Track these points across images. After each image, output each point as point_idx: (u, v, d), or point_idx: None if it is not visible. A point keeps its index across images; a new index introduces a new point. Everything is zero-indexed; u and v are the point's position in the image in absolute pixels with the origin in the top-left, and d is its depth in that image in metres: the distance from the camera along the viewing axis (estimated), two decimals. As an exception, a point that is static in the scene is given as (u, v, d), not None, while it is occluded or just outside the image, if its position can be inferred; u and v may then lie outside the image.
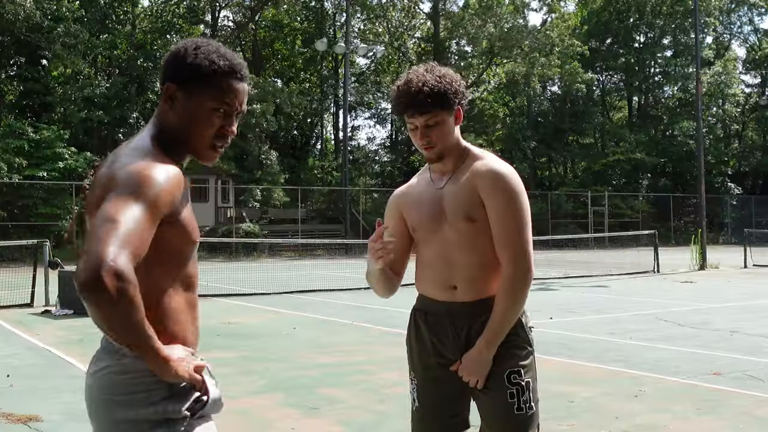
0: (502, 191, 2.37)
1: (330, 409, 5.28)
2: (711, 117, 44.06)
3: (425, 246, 2.50)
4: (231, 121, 1.81)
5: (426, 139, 2.40)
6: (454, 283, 2.42)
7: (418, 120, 2.39)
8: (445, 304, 2.44)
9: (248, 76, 1.87)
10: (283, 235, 30.10)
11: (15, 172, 25.68)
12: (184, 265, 1.78)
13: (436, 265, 2.45)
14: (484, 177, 2.39)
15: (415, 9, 43.09)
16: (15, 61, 32.73)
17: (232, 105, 1.80)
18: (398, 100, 2.42)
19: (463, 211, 2.40)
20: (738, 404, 5.38)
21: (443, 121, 2.40)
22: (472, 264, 2.40)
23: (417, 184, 2.60)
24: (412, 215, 2.54)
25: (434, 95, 2.36)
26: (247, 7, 36.98)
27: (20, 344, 8.06)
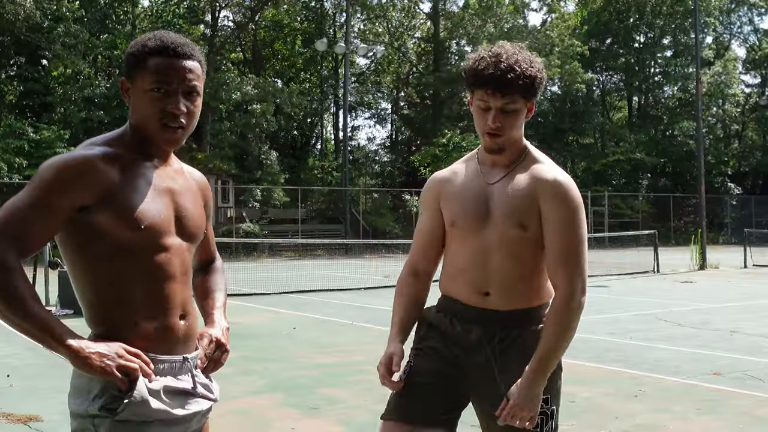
0: (566, 203, 2.17)
1: (330, 409, 5.28)
2: (711, 117, 44.04)
3: (461, 245, 2.26)
4: (175, 99, 1.77)
5: (497, 124, 2.16)
6: (488, 289, 2.21)
7: (497, 100, 2.14)
8: (476, 310, 2.23)
9: (190, 54, 1.82)
10: (283, 235, 30.09)
11: (15, 172, 25.66)
12: (139, 254, 1.74)
13: (470, 268, 2.23)
14: (548, 185, 2.18)
15: (415, 9, 43.08)
16: (15, 61, 32.72)
17: (168, 83, 1.77)
18: (480, 72, 2.15)
19: (517, 216, 2.17)
20: (738, 404, 5.38)
21: (519, 110, 2.18)
22: (512, 272, 2.20)
23: (462, 172, 2.32)
24: (453, 208, 2.27)
25: (524, 79, 2.14)
26: (247, 7, 36.95)
27: (20, 344, 8.06)
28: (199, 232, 1.92)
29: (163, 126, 1.78)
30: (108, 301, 1.75)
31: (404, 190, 35.04)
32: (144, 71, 1.78)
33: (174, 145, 1.84)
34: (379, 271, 18.77)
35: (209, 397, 1.89)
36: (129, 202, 1.72)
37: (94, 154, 1.73)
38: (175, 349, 1.80)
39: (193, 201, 1.92)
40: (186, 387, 1.81)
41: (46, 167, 1.71)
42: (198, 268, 2.10)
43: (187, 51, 1.81)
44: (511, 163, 2.25)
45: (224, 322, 2.01)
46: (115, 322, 1.74)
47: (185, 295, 1.85)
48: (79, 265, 1.76)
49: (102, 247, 1.72)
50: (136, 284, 1.75)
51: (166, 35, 1.82)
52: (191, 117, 1.82)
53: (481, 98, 2.17)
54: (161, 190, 1.81)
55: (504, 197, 2.20)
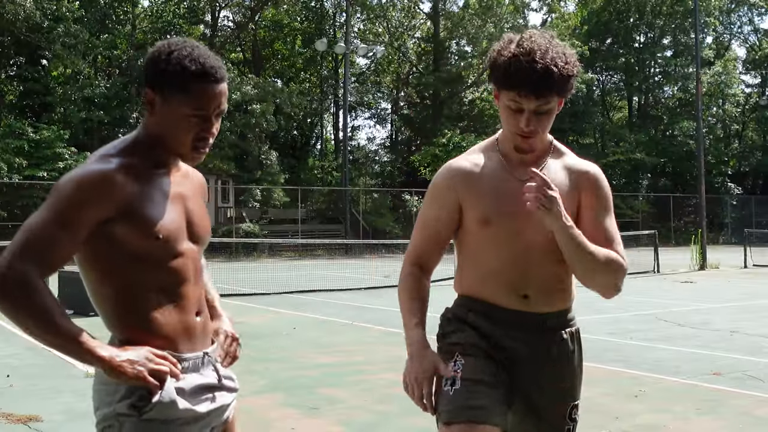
0: (607, 191, 2.16)
1: (330, 409, 5.28)
2: (711, 117, 44.06)
3: (494, 245, 2.08)
4: (209, 124, 1.81)
5: (531, 128, 2.02)
6: (527, 291, 2.08)
7: (531, 103, 1.98)
8: (517, 314, 2.09)
9: (224, 76, 1.83)
10: (283, 235, 30.09)
11: (15, 172, 25.68)
12: (155, 261, 1.78)
13: (506, 270, 2.08)
14: (590, 176, 2.15)
15: (415, 9, 43.10)
16: (15, 61, 32.73)
17: (206, 109, 1.79)
18: (513, 73, 1.96)
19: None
20: (738, 404, 5.38)
21: (553, 110, 2.04)
22: (555, 274, 2.10)
23: (488, 167, 2.13)
24: (487, 205, 2.08)
25: (561, 80, 1.97)
26: (247, 7, 36.97)
27: (20, 344, 8.06)
28: (207, 233, 1.96)
29: (195, 148, 1.83)
30: (127, 306, 1.78)
31: (404, 190, 35.05)
32: (185, 95, 1.77)
33: (198, 162, 1.89)
34: (379, 271, 18.77)
35: (233, 388, 1.96)
36: (146, 213, 1.76)
37: (111, 168, 1.74)
38: (196, 346, 1.85)
39: (200, 203, 1.96)
40: (212, 382, 1.87)
41: (65, 183, 1.73)
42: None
43: (222, 74, 1.81)
44: (540, 159, 2.13)
45: (226, 314, 2.08)
46: (137, 326, 1.77)
47: (199, 293, 1.91)
48: (96, 274, 1.79)
49: (119, 256, 1.76)
50: (154, 289, 1.78)
51: (203, 55, 1.79)
52: (215, 135, 1.87)
53: (513, 99, 2.00)
54: (174, 198, 1.85)
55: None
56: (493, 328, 2.10)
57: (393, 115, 46.27)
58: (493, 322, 2.10)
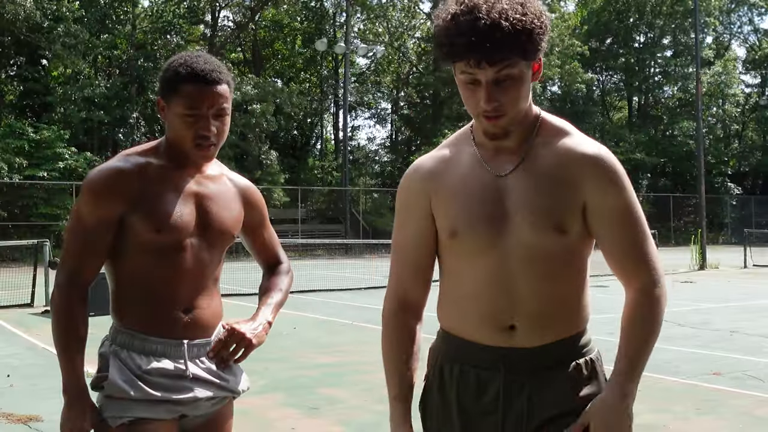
0: (622, 183, 1.64)
1: (330, 409, 5.28)
2: (711, 117, 44.05)
3: (468, 263, 1.66)
4: (205, 122, 1.94)
5: (494, 103, 1.56)
6: (513, 321, 1.63)
7: (485, 72, 1.54)
8: (498, 351, 1.64)
9: (219, 79, 1.96)
10: (283, 235, 30.08)
11: (15, 172, 25.66)
12: (157, 252, 1.95)
13: (484, 294, 1.64)
14: (593, 168, 1.62)
15: (415, 9, 43.09)
16: (15, 61, 32.70)
17: (199, 108, 1.93)
18: (454, 38, 1.53)
19: (552, 216, 1.61)
20: (738, 404, 5.38)
21: (521, 76, 1.57)
22: (547, 296, 1.64)
23: (454, 160, 1.72)
24: (453, 212, 1.67)
25: (516, 36, 1.51)
26: (247, 7, 36.95)
27: (20, 344, 8.06)
28: (225, 231, 2.06)
29: (197, 146, 1.96)
30: (121, 290, 2.00)
31: (404, 190, 34.97)
32: (177, 97, 1.95)
33: (208, 160, 2.04)
34: (379, 271, 18.77)
35: (222, 386, 2.01)
36: (153, 207, 1.94)
37: (122, 165, 1.96)
38: (175, 335, 1.97)
39: (225, 205, 2.07)
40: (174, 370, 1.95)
41: (83, 184, 1.97)
42: (265, 269, 2.30)
43: (215, 77, 1.95)
44: (522, 144, 1.66)
45: (267, 317, 2.11)
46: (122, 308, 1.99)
47: (194, 289, 2.00)
48: (109, 260, 2.00)
49: (128, 245, 1.96)
50: (149, 277, 1.96)
51: (197, 61, 1.97)
52: (221, 134, 1.99)
53: (464, 71, 1.57)
54: (186, 195, 1.99)
55: (527, 192, 1.62)
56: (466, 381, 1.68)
57: (393, 115, 46.25)
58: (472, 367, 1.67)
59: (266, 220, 2.25)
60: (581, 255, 1.69)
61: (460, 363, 1.70)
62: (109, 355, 1.96)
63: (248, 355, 2.05)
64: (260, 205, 2.21)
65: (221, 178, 2.11)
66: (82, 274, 1.95)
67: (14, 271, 14.82)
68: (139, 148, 2.04)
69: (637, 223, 1.65)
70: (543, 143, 1.67)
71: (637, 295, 1.66)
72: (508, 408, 1.64)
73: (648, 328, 1.64)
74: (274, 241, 2.30)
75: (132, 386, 1.90)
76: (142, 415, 1.90)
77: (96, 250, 1.94)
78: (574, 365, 1.68)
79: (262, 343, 2.05)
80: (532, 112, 1.69)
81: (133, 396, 1.89)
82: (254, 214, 2.18)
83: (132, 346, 1.95)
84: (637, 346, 1.64)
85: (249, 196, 2.16)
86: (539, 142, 1.67)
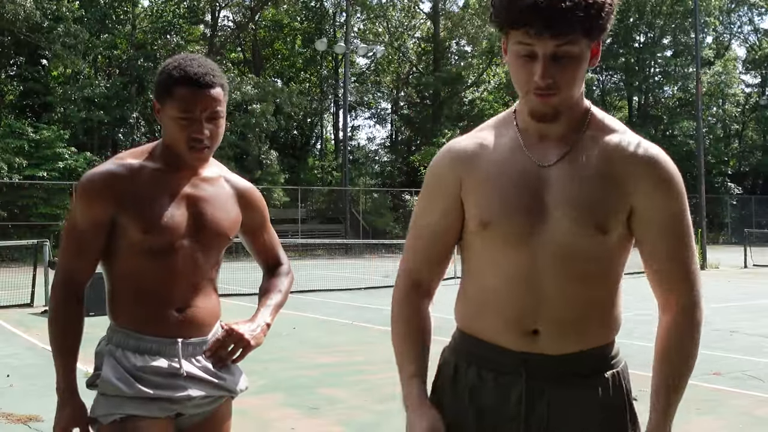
0: (677, 191, 1.52)
1: (330, 409, 5.28)
2: (711, 117, 44.06)
3: (496, 257, 1.54)
4: (198, 125, 1.95)
5: (549, 80, 1.44)
6: (537, 325, 1.51)
7: (545, 44, 1.41)
8: (518, 357, 1.52)
9: (213, 83, 1.97)
10: (283, 235, 30.06)
11: (15, 172, 25.66)
12: (148, 253, 1.97)
13: (509, 293, 1.52)
14: (646, 168, 1.50)
15: (415, 9, 43.09)
16: (15, 61, 32.70)
17: (192, 111, 1.94)
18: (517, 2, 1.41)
19: (596, 215, 1.48)
20: (738, 404, 5.38)
21: (581, 55, 1.45)
22: (576, 300, 1.51)
23: (497, 147, 1.58)
24: (486, 198, 1.53)
25: (587, 9, 1.39)
26: (247, 7, 36.95)
27: (20, 344, 8.06)
28: (220, 233, 2.07)
29: (191, 148, 1.98)
30: (116, 290, 2.02)
31: (404, 190, 35.04)
32: (171, 100, 1.96)
33: (202, 162, 2.04)
34: (379, 271, 18.76)
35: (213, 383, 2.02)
36: (143, 209, 1.96)
37: (112, 168, 1.98)
38: (169, 334, 1.99)
39: (221, 207, 2.08)
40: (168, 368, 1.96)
41: (77, 187, 2.01)
42: (265, 270, 2.31)
43: (209, 80, 1.96)
44: (570, 134, 1.54)
45: (266, 318, 2.12)
46: (117, 308, 2.02)
47: (188, 289, 2.01)
48: (104, 260, 2.03)
49: (120, 246, 1.99)
50: (141, 277, 1.98)
51: (191, 64, 1.97)
52: (215, 137, 2.00)
53: (521, 41, 1.44)
54: (180, 197, 2.01)
55: (571, 186, 1.49)
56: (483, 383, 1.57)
57: (393, 115, 46.24)
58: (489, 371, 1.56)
59: (266, 221, 2.26)
60: (619, 259, 1.55)
61: (477, 366, 1.58)
62: (105, 354, 1.99)
63: (246, 356, 2.06)
64: (260, 207, 2.21)
65: (218, 180, 2.12)
66: (76, 275, 1.99)
67: (14, 271, 14.82)
68: (135, 150, 2.06)
69: (684, 235, 1.53)
70: (592, 137, 1.54)
71: (678, 317, 1.54)
72: (531, 414, 1.53)
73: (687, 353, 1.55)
74: (274, 242, 2.31)
75: (125, 383, 1.92)
76: (134, 412, 1.92)
77: (89, 251, 1.98)
78: (601, 379, 1.57)
79: (260, 344, 2.06)
80: (584, 103, 1.57)
81: (126, 393, 1.91)
82: (254, 216, 2.19)
83: (127, 345, 1.97)
84: (675, 374, 1.56)
85: (248, 198, 2.17)
86: (588, 135, 1.54)
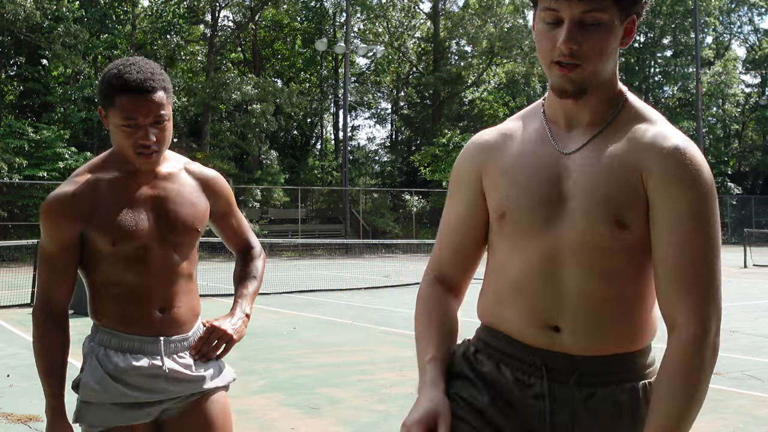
0: (695, 188, 1.35)
1: (330, 409, 5.28)
2: (711, 117, 44.07)
3: (515, 248, 1.47)
4: (143, 132, 1.92)
5: (573, 45, 1.34)
6: (558, 321, 1.43)
7: (570, 7, 1.34)
8: (539, 354, 1.45)
9: (154, 87, 1.92)
10: (283, 235, 30.09)
11: (15, 172, 25.67)
12: (119, 261, 1.99)
13: (529, 287, 1.45)
14: (663, 157, 1.36)
15: (415, 9, 43.09)
16: (15, 61, 32.71)
17: (135, 118, 1.91)
18: None
19: (611, 205, 1.38)
20: (738, 404, 5.38)
21: (611, 25, 1.36)
22: (598, 297, 1.41)
23: (518, 134, 1.52)
24: (504, 189, 1.47)
25: None
26: (247, 7, 36.94)
27: (20, 344, 8.06)
28: (189, 228, 2.07)
29: (139, 154, 1.95)
30: (95, 297, 2.04)
31: (404, 190, 35.05)
32: (113, 109, 1.92)
33: (152, 166, 2.01)
34: (379, 271, 18.77)
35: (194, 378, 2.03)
36: (106, 220, 1.96)
37: (70, 189, 1.97)
38: (149, 332, 2.01)
39: (185, 202, 2.07)
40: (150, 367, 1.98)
41: (41, 214, 1.99)
42: (237, 257, 2.29)
43: (148, 85, 1.91)
44: (600, 120, 1.44)
45: (245, 310, 2.12)
46: (99, 310, 2.03)
47: (166, 289, 2.03)
48: (82, 270, 2.05)
49: (91, 256, 2.01)
50: (119, 283, 2.00)
51: (130, 71, 1.92)
52: (162, 141, 1.97)
53: (548, 6, 1.36)
54: (142, 201, 2.01)
55: (590, 176, 1.40)
56: (501, 376, 1.49)
57: (393, 115, 46.26)
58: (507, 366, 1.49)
59: (233, 207, 2.24)
60: (642, 255, 1.41)
61: (496, 360, 1.50)
62: (87, 355, 2.01)
63: (230, 350, 2.08)
64: (225, 193, 2.19)
65: (179, 175, 2.10)
66: (53, 300, 1.99)
67: (14, 271, 14.82)
68: (91, 163, 2.05)
69: (702, 243, 1.34)
70: (621, 125, 1.43)
71: (679, 343, 1.34)
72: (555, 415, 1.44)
73: (687, 392, 1.34)
74: (243, 227, 2.29)
75: (103, 387, 1.94)
76: (113, 424, 1.95)
77: (63, 274, 1.99)
78: (629, 388, 1.44)
79: (242, 336, 2.09)
80: (617, 87, 1.46)
81: (104, 399, 1.94)
82: (219, 203, 2.17)
83: (110, 344, 1.99)
84: (672, 416, 1.33)
85: (211, 186, 2.15)
86: (618, 123, 1.43)
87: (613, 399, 1.43)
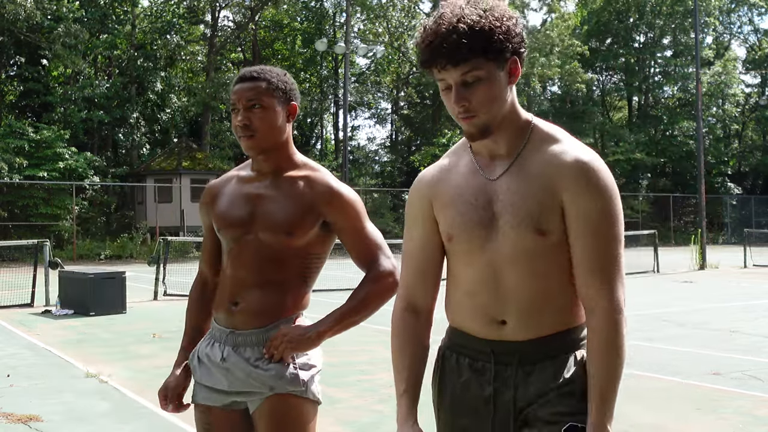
0: (597, 191, 1.64)
1: (329, 409, 5.28)
2: (711, 117, 44.07)
3: (465, 263, 1.77)
4: (235, 115, 2.15)
5: (463, 104, 1.64)
6: (504, 316, 1.72)
7: (452, 74, 1.63)
8: (489, 344, 1.75)
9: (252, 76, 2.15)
10: (283, 235, 30.05)
11: (15, 172, 25.68)
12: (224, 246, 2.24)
13: (479, 291, 1.75)
14: (571, 171, 1.65)
15: (415, 9, 43.10)
16: (15, 61, 32.72)
17: (234, 104, 2.16)
18: (424, 46, 1.64)
19: (532, 219, 1.67)
20: (738, 404, 5.38)
21: (490, 77, 1.63)
22: (533, 292, 1.70)
23: (454, 169, 1.81)
24: (449, 216, 1.77)
25: (474, 36, 1.58)
26: (247, 7, 36.95)
27: (20, 344, 8.06)
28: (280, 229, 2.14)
29: (239, 138, 2.17)
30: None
31: (404, 190, 35.04)
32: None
33: (251, 151, 2.16)
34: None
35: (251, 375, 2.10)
36: (217, 209, 2.24)
37: (212, 182, 2.33)
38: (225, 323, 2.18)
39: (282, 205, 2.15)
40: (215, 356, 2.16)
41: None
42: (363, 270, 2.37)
43: (249, 74, 2.16)
44: (513, 149, 1.73)
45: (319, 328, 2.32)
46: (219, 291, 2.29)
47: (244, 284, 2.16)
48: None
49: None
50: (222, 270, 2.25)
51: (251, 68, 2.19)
52: (257, 126, 2.13)
53: (438, 77, 1.67)
54: (245, 197, 2.20)
55: (512, 196, 1.69)
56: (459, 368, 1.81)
57: (393, 115, 46.27)
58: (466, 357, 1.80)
59: (351, 222, 2.22)
60: (562, 255, 1.70)
61: (457, 353, 1.83)
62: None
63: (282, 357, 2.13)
64: (340, 208, 2.19)
65: (294, 179, 2.19)
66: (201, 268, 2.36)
67: (14, 271, 14.82)
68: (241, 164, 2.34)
69: (607, 236, 1.65)
70: (533, 149, 1.73)
71: (598, 322, 1.65)
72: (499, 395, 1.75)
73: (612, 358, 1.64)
74: (363, 244, 2.27)
75: (192, 365, 2.24)
76: (195, 401, 2.20)
77: (207, 247, 2.34)
78: (562, 358, 1.73)
79: (300, 351, 2.20)
80: (522, 118, 1.75)
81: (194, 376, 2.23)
82: (333, 215, 2.19)
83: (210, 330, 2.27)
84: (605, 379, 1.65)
85: (325, 197, 2.17)
86: (530, 148, 1.73)
87: (547, 368, 1.72)
